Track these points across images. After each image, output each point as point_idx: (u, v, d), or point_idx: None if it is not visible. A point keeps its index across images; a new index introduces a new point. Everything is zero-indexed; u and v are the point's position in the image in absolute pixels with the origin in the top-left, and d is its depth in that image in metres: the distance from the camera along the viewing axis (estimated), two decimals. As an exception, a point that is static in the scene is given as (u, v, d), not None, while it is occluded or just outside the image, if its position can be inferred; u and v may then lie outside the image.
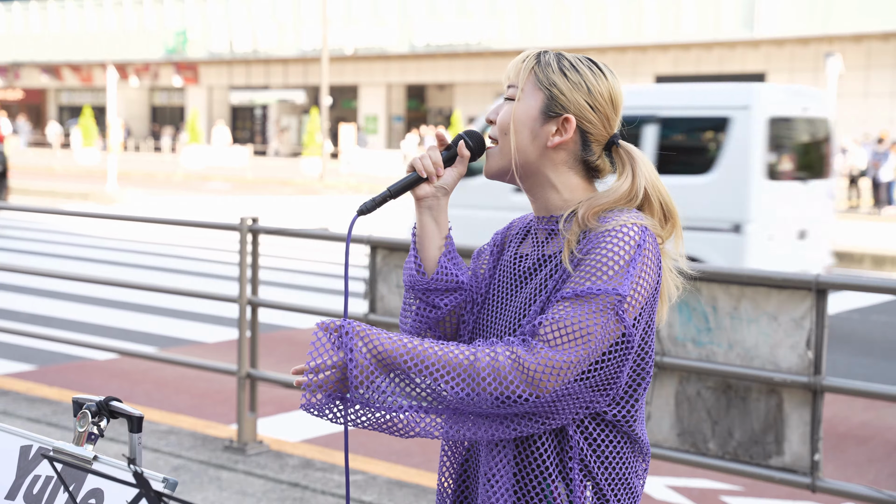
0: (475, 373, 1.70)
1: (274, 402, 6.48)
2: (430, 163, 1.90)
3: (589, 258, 1.76)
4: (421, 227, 1.94)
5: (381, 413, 1.76)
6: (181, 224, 5.87)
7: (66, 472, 1.74)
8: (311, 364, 1.72)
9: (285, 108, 46.12)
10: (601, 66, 1.89)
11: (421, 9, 38.52)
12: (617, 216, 1.80)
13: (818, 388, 3.83)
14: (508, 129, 1.87)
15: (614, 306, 1.72)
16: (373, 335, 1.72)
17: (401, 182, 1.90)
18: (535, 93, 1.86)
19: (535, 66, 1.87)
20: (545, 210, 1.90)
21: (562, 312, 1.73)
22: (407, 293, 1.97)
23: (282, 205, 22.56)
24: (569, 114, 1.85)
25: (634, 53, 35.57)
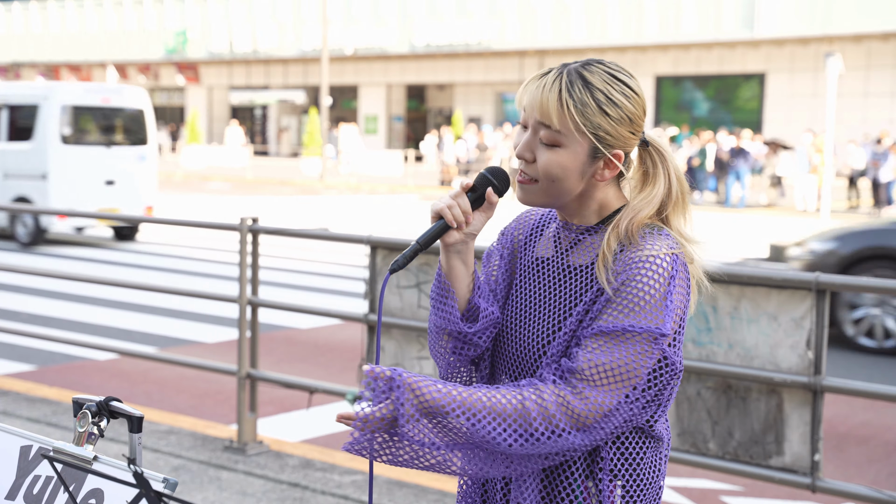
0: (526, 423, 1.72)
1: (274, 402, 6.48)
2: (459, 212, 1.83)
3: (625, 290, 1.75)
4: (449, 270, 1.88)
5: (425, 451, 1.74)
6: (181, 224, 5.87)
7: (66, 472, 1.74)
8: (361, 413, 1.71)
9: (285, 108, 46.12)
10: (631, 85, 1.83)
11: (421, 9, 38.52)
12: (652, 242, 1.79)
13: (818, 388, 3.83)
14: (556, 177, 1.80)
15: (657, 342, 1.75)
16: (423, 387, 1.70)
17: (429, 232, 1.83)
18: (579, 139, 1.79)
19: (574, 108, 1.77)
20: (575, 219, 1.88)
21: (605, 352, 1.74)
22: (438, 335, 1.93)
23: (282, 205, 22.56)
24: (616, 150, 1.82)
25: (634, 53, 35.57)
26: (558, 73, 1.80)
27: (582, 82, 1.79)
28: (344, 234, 5.23)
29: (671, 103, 36.00)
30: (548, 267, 1.90)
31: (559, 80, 1.79)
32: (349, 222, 18.43)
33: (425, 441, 1.72)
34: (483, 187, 1.86)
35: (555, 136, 1.79)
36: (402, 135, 42.59)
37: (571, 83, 1.78)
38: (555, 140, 1.79)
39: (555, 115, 1.78)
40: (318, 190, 28.26)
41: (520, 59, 37.56)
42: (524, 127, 1.85)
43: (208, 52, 44.12)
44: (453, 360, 1.94)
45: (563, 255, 1.89)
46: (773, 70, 33.40)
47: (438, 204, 1.84)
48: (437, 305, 1.91)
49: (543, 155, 1.81)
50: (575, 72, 1.80)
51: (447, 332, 1.90)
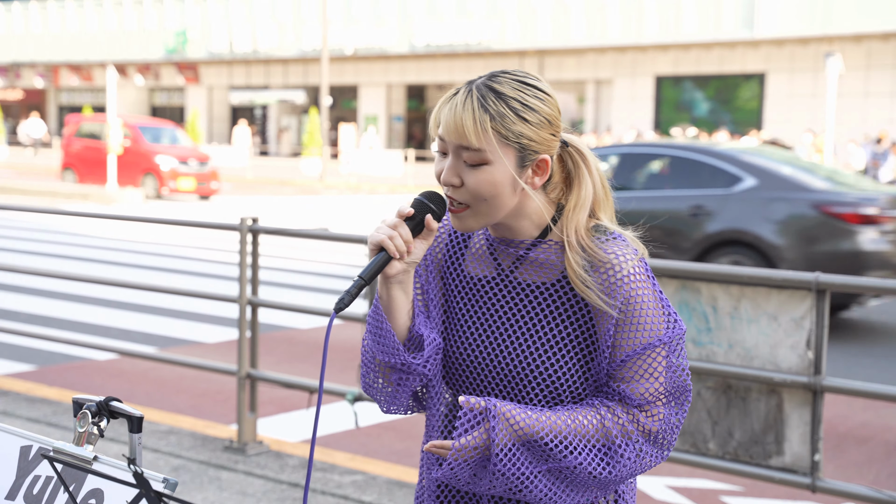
0: (609, 440, 1.78)
1: (274, 402, 6.48)
2: (401, 242, 1.77)
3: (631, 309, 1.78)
4: (390, 301, 1.83)
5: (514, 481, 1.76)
6: (181, 224, 5.87)
7: (66, 472, 1.74)
8: (456, 443, 1.73)
9: (285, 108, 46.12)
10: (542, 88, 1.80)
11: (421, 9, 38.52)
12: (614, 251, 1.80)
13: (818, 388, 3.83)
14: (486, 195, 1.77)
15: (682, 340, 1.82)
16: (516, 414, 1.74)
17: (373, 266, 1.77)
18: (505, 151, 1.76)
19: (493, 124, 1.74)
20: (513, 234, 1.85)
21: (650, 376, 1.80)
22: (378, 369, 1.87)
23: (282, 205, 22.56)
24: (542, 154, 1.79)
25: (634, 53, 35.57)
26: (467, 91, 1.77)
27: (494, 94, 1.75)
28: (344, 234, 5.23)
29: (671, 103, 35.99)
30: (494, 287, 1.87)
31: (470, 99, 1.75)
32: (349, 222, 18.43)
33: (516, 471, 1.74)
34: (421, 213, 1.80)
35: (478, 155, 1.75)
36: (403, 135, 42.58)
37: (483, 97, 1.75)
38: (480, 159, 1.75)
39: (473, 135, 1.74)
40: (318, 190, 28.27)
41: (520, 59, 37.56)
42: (443, 154, 1.81)
43: (208, 52, 44.12)
44: (396, 391, 1.88)
45: (508, 273, 1.86)
46: (773, 70, 33.39)
47: (378, 235, 1.77)
48: (377, 338, 1.84)
49: (471, 177, 1.76)
50: (483, 86, 1.77)
51: (389, 366, 1.84)
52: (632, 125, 31.07)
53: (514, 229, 1.85)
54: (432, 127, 1.82)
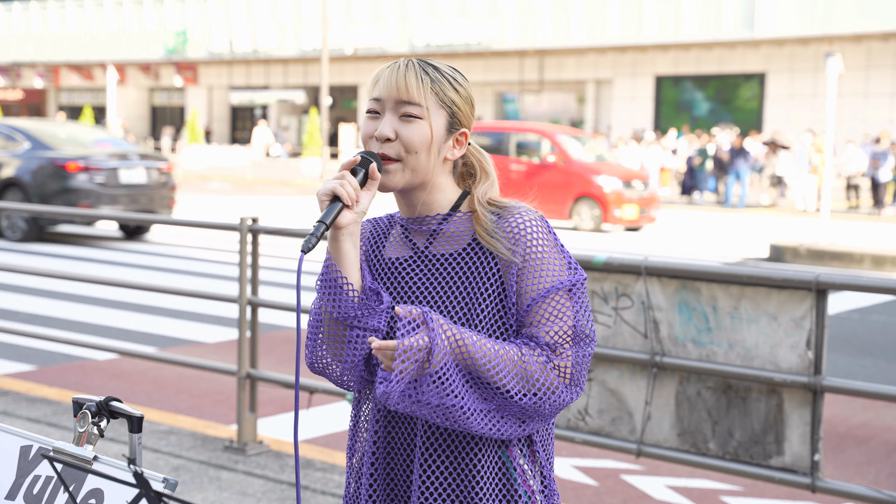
0: (528, 375, 1.86)
1: (274, 402, 6.48)
2: (351, 190, 1.87)
3: (533, 256, 1.90)
4: (342, 255, 1.90)
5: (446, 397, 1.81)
6: (181, 224, 5.87)
7: (66, 472, 1.74)
8: (403, 343, 1.76)
9: (285, 108, 46.12)
10: (463, 74, 2.01)
11: (421, 9, 38.52)
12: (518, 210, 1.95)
13: (818, 389, 3.83)
14: (419, 148, 1.92)
15: (584, 285, 1.95)
16: (452, 326, 1.82)
17: (330, 212, 1.86)
18: (438, 112, 1.93)
19: (433, 85, 1.93)
20: (426, 211, 1.98)
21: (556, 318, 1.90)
22: (333, 326, 1.91)
23: (282, 205, 22.56)
24: (464, 128, 1.98)
25: (634, 53, 35.57)
26: (407, 62, 1.96)
27: (432, 67, 1.96)
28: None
29: (671, 103, 36.00)
30: (412, 264, 1.98)
31: (412, 65, 1.95)
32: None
33: (451, 380, 1.80)
34: (365, 167, 1.91)
35: (416, 109, 1.92)
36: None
37: (423, 66, 1.95)
38: (417, 113, 1.92)
39: (415, 90, 1.91)
40: (318, 190, 28.23)
41: (520, 59, 37.56)
42: (374, 113, 1.95)
43: (208, 52, 44.12)
44: (351, 353, 1.92)
45: (424, 250, 1.98)
46: (773, 70, 33.39)
47: (329, 184, 1.86)
48: (332, 295, 1.90)
49: (405, 129, 1.91)
50: (420, 61, 1.97)
51: (346, 322, 1.90)
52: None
53: (429, 204, 1.98)
54: (369, 91, 1.98)
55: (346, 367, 1.94)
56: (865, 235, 18.50)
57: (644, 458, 4.56)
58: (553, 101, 38.47)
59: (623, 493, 5.02)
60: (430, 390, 1.79)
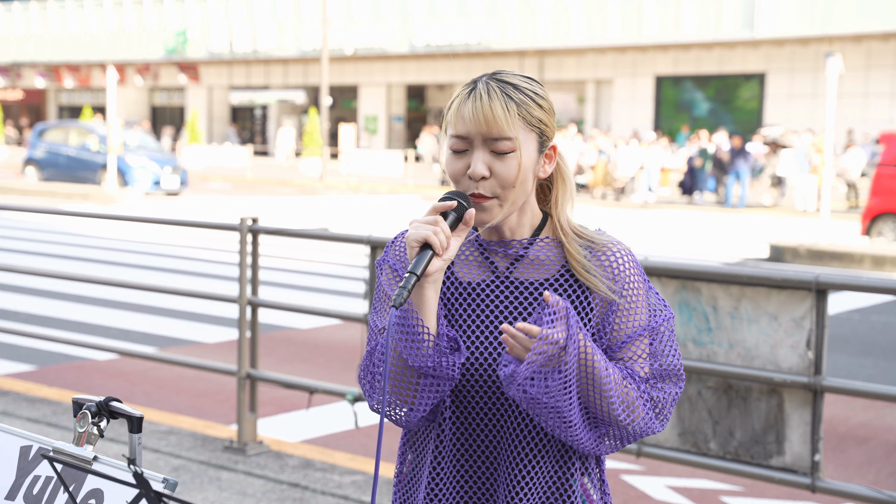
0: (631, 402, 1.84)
1: (274, 402, 6.48)
2: (444, 238, 1.75)
3: (627, 294, 1.86)
4: (424, 302, 1.78)
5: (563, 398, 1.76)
6: (181, 224, 5.87)
7: (66, 472, 1.74)
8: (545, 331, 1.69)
9: (285, 108, 46.12)
10: (538, 81, 1.89)
11: (421, 9, 38.51)
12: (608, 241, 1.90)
13: (818, 389, 3.83)
14: (516, 182, 1.81)
15: (671, 322, 1.92)
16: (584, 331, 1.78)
17: (421, 262, 1.73)
18: (529, 136, 1.83)
19: (518, 110, 1.80)
20: (510, 234, 1.89)
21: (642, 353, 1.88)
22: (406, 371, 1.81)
23: (282, 205, 22.55)
24: (553, 141, 1.88)
25: (634, 53, 35.57)
26: (485, 86, 1.81)
27: (510, 86, 1.82)
28: (344, 234, 5.22)
29: (671, 103, 36.00)
30: (493, 290, 1.88)
31: (493, 91, 1.80)
32: (349, 222, 18.43)
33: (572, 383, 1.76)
34: (457, 211, 1.79)
35: (509, 143, 1.79)
36: (402, 135, 42.57)
37: (503, 89, 1.81)
38: (510, 147, 1.80)
39: (504, 123, 1.78)
40: (318, 190, 28.26)
41: (520, 59, 37.56)
42: (460, 151, 1.82)
43: (208, 52, 44.12)
44: (420, 399, 1.83)
45: (506, 276, 1.88)
46: (773, 70, 33.39)
47: (422, 231, 1.75)
48: (409, 342, 1.79)
49: (500, 166, 1.80)
50: (495, 80, 1.83)
51: (421, 371, 1.80)
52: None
53: (514, 227, 1.89)
54: (450, 125, 1.83)
55: (413, 413, 1.85)
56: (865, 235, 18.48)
57: (644, 458, 4.56)
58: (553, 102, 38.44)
59: (623, 493, 5.02)
60: (554, 386, 1.73)
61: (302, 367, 7.35)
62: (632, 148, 25.73)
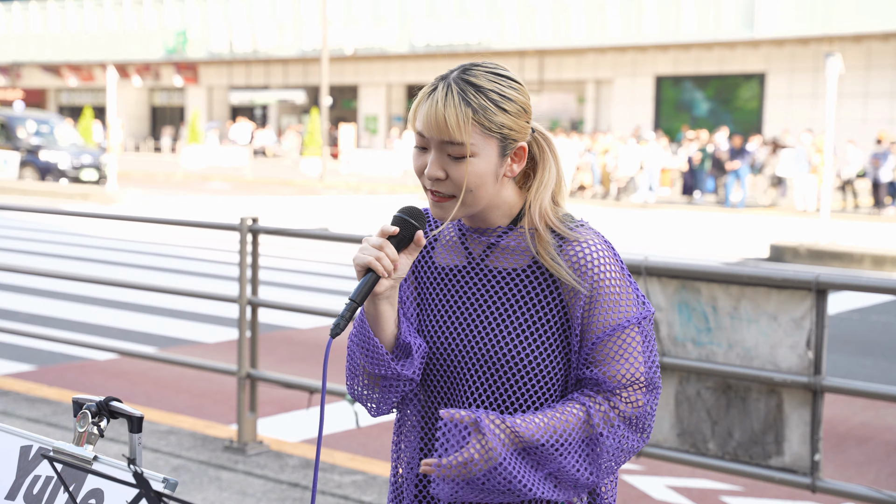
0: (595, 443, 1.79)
1: (274, 402, 6.48)
2: (388, 262, 1.79)
3: (601, 289, 1.81)
4: (377, 315, 1.84)
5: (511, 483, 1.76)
6: (181, 224, 5.87)
7: (66, 472, 1.74)
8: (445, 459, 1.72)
9: (285, 108, 46.11)
10: (512, 77, 1.84)
11: (421, 9, 38.51)
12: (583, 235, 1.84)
13: (818, 389, 3.83)
14: (472, 185, 1.80)
15: (650, 321, 1.86)
16: (510, 422, 1.75)
17: (362, 287, 1.78)
18: (487, 142, 1.79)
19: (475, 116, 1.77)
20: (485, 223, 1.89)
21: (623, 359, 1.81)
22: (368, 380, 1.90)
23: (282, 205, 22.55)
24: (520, 142, 1.84)
25: (634, 53, 35.56)
26: (445, 87, 1.79)
27: (473, 88, 1.78)
28: (344, 234, 5.22)
29: (671, 103, 35.99)
30: (465, 275, 1.89)
31: (451, 94, 1.78)
32: (349, 222, 18.43)
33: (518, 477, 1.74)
34: (407, 230, 1.82)
35: (462, 149, 1.78)
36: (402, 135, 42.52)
37: (463, 91, 1.78)
38: (463, 152, 1.78)
39: (456, 130, 1.76)
40: (318, 190, 28.26)
41: (520, 59, 37.56)
42: (420, 148, 1.83)
43: (208, 52, 44.11)
44: (384, 397, 1.91)
45: (480, 262, 1.89)
46: (773, 70, 33.38)
47: (364, 257, 1.78)
48: (365, 351, 1.86)
49: (455, 170, 1.80)
50: (460, 80, 1.80)
51: (380, 376, 1.87)
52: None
53: (489, 219, 1.88)
54: (410, 122, 1.85)
55: (378, 410, 1.94)
56: (865, 235, 18.49)
57: (644, 458, 4.56)
58: (553, 101, 38.47)
59: (623, 493, 5.02)
60: (496, 483, 1.75)
61: (302, 367, 7.35)
62: (631, 147, 25.73)
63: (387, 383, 1.88)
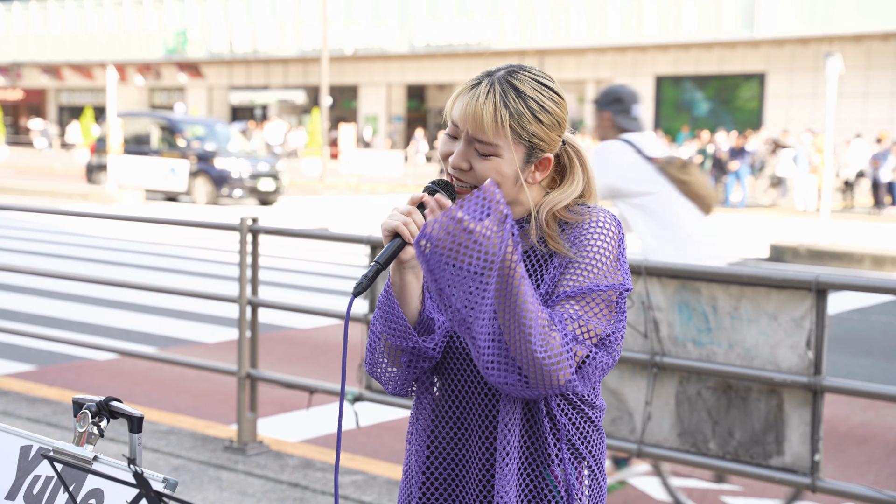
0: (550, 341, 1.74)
1: (274, 402, 6.48)
2: (415, 228, 1.83)
3: (583, 253, 1.83)
4: (403, 286, 1.88)
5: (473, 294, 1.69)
6: (181, 224, 5.87)
7: (66, 472, 1.74)
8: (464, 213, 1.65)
9: (285, 108, 46.12)
10: (557, 90, 1.87)
11: (421, 9, 38.52)
12: (592, 213, 1.88)
13: (818, 389, 3.83)
14: None
15: (622, 297, 1.85)
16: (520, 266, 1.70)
17: (388, 251, 1.82)
18: (515, 147, 1.83)
19: (510, 121, 1.81)
20: None
21: (578, 310, 1.80)
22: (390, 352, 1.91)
23: (282, 205, 22.54)
24: (548, 154, 1.88)
25: (634, 53, 35.56)
26: (489, 84, 1.83)
27: (514, 92, 1.82)
28: (344, 234, 5.22)
29: (671, 103, 35.99)
30: None
31: (493, 92, 1.82)
32: (349, 222, 18.43)
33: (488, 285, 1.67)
34: None
35: (491, 148, 1.82)
36: (403, 135, 42.57)
37: (504, 93, 1.81)
38: (491, 151, 1.83)
39: (490, 130, 1.81)
40: (318, 190, 28.26)
41: (520, 59, 37.43)
42: (451, 136, 1.87)
43: (208, 52, 44.12)
44: (404, 373, 1.93)
45: None
46: (773, 70, 33.39)
47: (392, 221, 1.82)
48: (388, 321, 1.89)
49: (480, 164, 1.84)
50: (505, 81, 1.83)
51: (400, 348, 1.90)
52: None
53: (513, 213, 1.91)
54: (448, 110, 1.88)
55: (396, 386, 1.96)
56: (865, 235, 18.50)
57: (644, 458, 4.55)
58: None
59: (623, 492, 5.02)
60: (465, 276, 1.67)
61: (302, 367, 7.35)
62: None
63: (407, 358, 1.91)
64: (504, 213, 1.65)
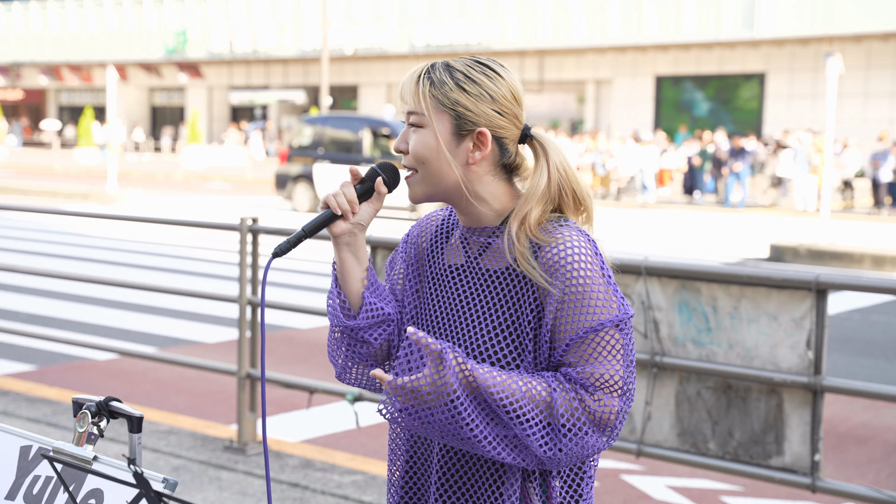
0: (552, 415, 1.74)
1: (274, 402, 6.48)
2: (344, 200, 1.86)
3: (573, 290, 1.77)
4: (341, 264, 1.91)
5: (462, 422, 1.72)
6: (181, 224, 5.87)
7: (66, 472, 1.74)
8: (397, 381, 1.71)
9: (285, 108, 46.12)
10: (494, 67, 1.87)
11: (421, 9, 38.52)
12: (562, 233, 1.81)
13: (818, 389, 3.83)
14: (425, 158, 1.84)
15: (628, 325, 1.80)
16: (470, 365, 1.72)
17: (315, 220, 1.86)
18: (440, 116, 1.83)
19: (431, 89, 1.83)
20: (476, 222, 1.89)
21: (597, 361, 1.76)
22: (333, 330, 1.95)
23: (282, 205, 22.54)
24: (481, 127, 1.84)
25: (634, 53, 35.56)
26: (421, 66, 1.89)
27: (443, 66, 1.87)
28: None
29: (671, 103, 35.99)
30: (462, 274, 1.90)
31: (422, 70, 1.88)
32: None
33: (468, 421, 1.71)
34: (371, 179, 1.90)
35: (417, 118, 1.85)
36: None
37: (433, 68, 1.87)
38: (418, 122, 1.85)
39: (412, 97, 1.85)
40: (318, 190, 28.23)
41: (520, 59, 37.55)
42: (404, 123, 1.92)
43: (208, 52, 44.12)
44: (346, 358, 1.95)
45: (474, 261, 1.89)
46: (773, 70, 33.39)
47: (328, 193, 1.87)
48: (329, 300, 1.94)
49: (413, 138, 1.86)
50: (442, 62, 1.89)
51: (338, 329, 1.93)
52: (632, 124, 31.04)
53: (477, 215, 1.89)
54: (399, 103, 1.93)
55: (341, 372, 1.98)
56: (865, 235, 18.49)
57: (644, 458, 4.56)
58: (553, 101, 38.47)
59: (623, 493, 5.02)
60: (444, 421, 1.72)
61: (302, 367, 7.35)
62: (629, 148, 25.74)
63: (347, 341, 1.92)
64: (437, 349, 1.68)
